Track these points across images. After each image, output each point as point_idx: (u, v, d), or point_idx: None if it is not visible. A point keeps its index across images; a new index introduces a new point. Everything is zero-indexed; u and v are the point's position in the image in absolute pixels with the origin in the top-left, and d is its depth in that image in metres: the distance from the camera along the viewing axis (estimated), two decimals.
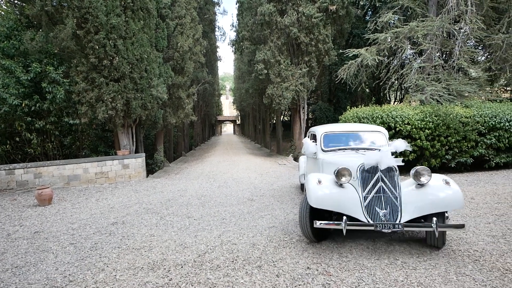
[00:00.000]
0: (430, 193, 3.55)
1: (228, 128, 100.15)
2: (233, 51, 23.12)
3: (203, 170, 12.83)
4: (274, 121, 26.98)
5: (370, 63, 11.24)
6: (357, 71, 12.71)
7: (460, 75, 10.40)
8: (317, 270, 3.33)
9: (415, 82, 10.04)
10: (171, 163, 16.40)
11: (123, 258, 3.87)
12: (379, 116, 8.84)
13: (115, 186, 9.25)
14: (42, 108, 9.81)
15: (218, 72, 43.03)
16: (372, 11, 20.73)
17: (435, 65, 10.59)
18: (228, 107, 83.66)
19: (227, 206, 6.41)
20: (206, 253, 3.91)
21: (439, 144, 8.66)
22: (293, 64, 15.48)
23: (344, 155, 4.68)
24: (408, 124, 8.61)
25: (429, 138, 8.67)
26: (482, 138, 8.87)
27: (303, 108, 16.49)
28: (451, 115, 8.60)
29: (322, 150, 5.11)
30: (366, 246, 3.92)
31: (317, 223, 3.54)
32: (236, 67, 41.70)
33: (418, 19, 11.07)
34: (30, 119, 9.98)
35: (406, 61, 13.75)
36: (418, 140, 8.55)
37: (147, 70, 10.42)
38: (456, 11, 9.86)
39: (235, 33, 22.00)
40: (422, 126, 8.59)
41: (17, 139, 11.01)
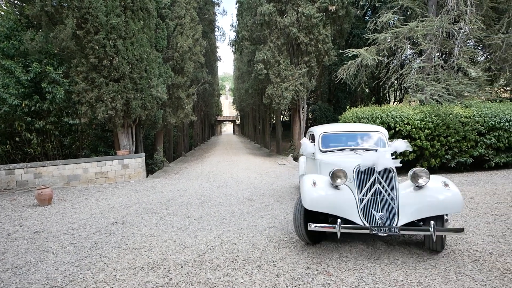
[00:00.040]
0: (428, 195, 3.45)
1: (227, 128, 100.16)
2: (232, 51, 23.12)
3: (202, 170, 12.83)
4: (274, 121, 26.99)
5: (369, 63, 11.25)
6: (357, 71, 12.71)
7: (459, 75, 10.41)
8: (317, 270, 3.33)
9: (415, 82, 10.05)
10: (170, 163, 16.40)
11: (123, 258, 3.87)
12: (379, 116, 8.84)
13: (115, 186, 9.25)
14: (42, 108, 9.81)
15: (217, 72, 43.04)
16: (371, 11, 20.75)
17: (434, 65, 10.60)
18: (227, 107, 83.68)
19: (227, 206, 6.42)
20: (206, 253, 3.91)
21: (439, 144, 8.67)
22: (292, 64, 15.49)
23: (342, 155, 4.59)
24: (408, 124, 8.62)
25: (429, 138, 8.68)
26: (481, 138, 8.88)
27: (303, 108, 16.49)
28: (450, 115, 8.60)
29: (320, 150, 5.01)
30: (366, 246, 3.92)
31: (312, 225, 3.46)
32: (236, 67, 41.72)
33: (417, 19, 11.08)
34: (30, 119, 9.98)
35: (405, 61, 13.76)
36: (418, 140, 8.55)
37: (147, 70, 10.42)
38: (455, 11, 9.87)
39: (235, 33, 22.01)
40: (422, 126, 8.60)
41: (17, 139, 11.01)
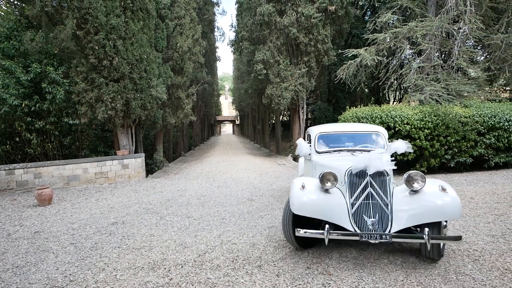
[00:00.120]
0: (423, 200, 3.24)
1: (227, 128, 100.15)
2: (232, 51, 23.11)
3: (202, 170, 12.83)
4: (273, 121, 26.99)
5: (369, 63, 11.26)
6: (356, 71, 12.72)
7: (459, 75, 10.42)
8: (317, 270, 3.34)
9: (414, 82, 10.06)
10: (170, 163, 16.40)
11: (124, 258, 3.88)
12: (378, 116, 8.86)
13: (114, 186, 9.25)
14: (42, 108, 9.81)
15: (217, 72, 43.07)
16: (371, 11, 20.76)
17: (434, 65, 10.61)
18: (227, 107, 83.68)
19: (226, 206, 6.42)
20: (206, 253, 3.92)
21: (439, 144, 8.68)
22: (292, 64, 15.50)
23: (338, 157, 4.37)
24: (408, 124, 8.63)
25: (429, 138, 8.69)
26: (481, 138, 8.89)
27: (302, 108, 16.50)
28: (450, 115, 8.61)
29: (316, 151, 4.79)
30: (366, 245, 3.93)
31: (300, 231, 3.32)
32: (235, 67, 41.71)
33: (417, 19, 11.09)
34: (30, 119, 9.98)
35: (405, 61, 13.77)
36: (418, 140, 8.56)
37: (146, 71, 10.42)
38: (455, 11, 9.89)
39: (234, 33, 21.98)
40: (422, 126, 8.60)
41: (17, 139, 11.01)
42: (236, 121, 69.21)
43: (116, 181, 10.04)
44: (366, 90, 24.12)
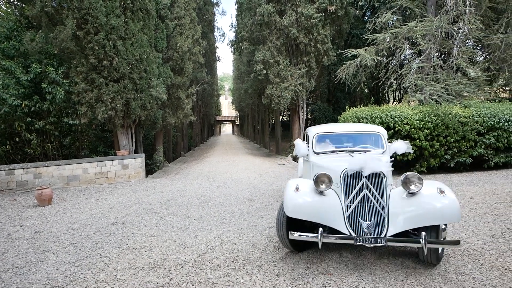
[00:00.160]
0: (421, 203, 3.13)
1: (227, 129, 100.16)
2: (232, 51, 23.12)
3: (202, 170, 12.84)
4: (273, 121, 27.00)
5: (369, 63, 11.27)
6: (356, 71, 12.73)
7: (459, 75, 10.43)
8: (317, 270, 3.34)
9: (414, 82, 10.07)
10: (170, 163, 16.40)
11: (124, 258, 3.88)
12: (378, 116, 8.86)
13: (114, 187, 9.25)
14: (42, 108, 9.81)
15: (217, 72, 43.07)
16: (370, 12, 20.77)
17: (434, 65, 10.62)
18: (227, 107, 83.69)
19: (226, 206, 6.42)
20: (206, 253, 3.92)
21: (438, 144, 8.69)
22: (292, 65, 15.51)
23: (336, 158, 4.22)
24: (407, 124, 8.64)
25: (428, 138, 8.69)
26: (481, 138, 8.90)
27: (302, 108, 16.51)
28: (450, 115, 8.62)
29: (314, 152, 4.63)
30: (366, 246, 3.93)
31: (294, 234, 3.24)
32: (235, 68, 41.73)
33: (416, 19, 11.10)
34: (30, 119, 9.98)
35: (405, 61, 13.78)
36: (417, 140, 8.57)
37: (146, 71, 10.43)
38: (454, 11, 9.90)
39: (234, 34, 22.00)
40: (421, 126, 8.61)
41: (17, 139, 11.00)
42: (236, 121, 69.25)
43: (116, 181, 10.04)
44: (366, 90, 24.15)
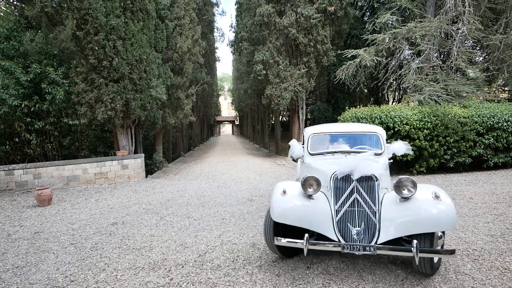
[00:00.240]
0: (414, 209, 2.94)
1: (226, 129, 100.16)
2: (232, 51, 23.16)
3: (202, 171, 12.84)
4: (273, 122, 27.01)
5: (368, 64, 11.29)
6: (356, 72, 12.75)
7: (458, 75, 10.46)
8: (317, 270, 3.35)
9: (413, 82, 10.09)
10: (170, 163, 16.40)
11: (124, 258, 3.88)
12: (378, 117, 8.88)
13: (114, 187, 9.25)
14: (41, 108, 9.81)
15: (216, 72, 43.05)
16: (370, 12, 20.80)
17: (433, 66, 10.64)
18: (226, 107, 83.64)
19: (226, 206, 6.43)
20: (206, 253, 3.92)
21: (438, 144, 8.71)
22: (291, 65, 15.52)
23: (331, 159, 3.97)
24: (407, 124, 8.65)
25: (428, 138, 8.71)
26: (480, 138, 8.92)
27: (302, 108, 16.53)
28: (449, 115, 8.64)
29: (309, 153, 4.37)
30: None
31: (280, 240, 3.10)
32: (235, 68, 41.73)
33: (416, 20, 11.13)
34: (30, 119, 9.98)
35: (404, 62, 13.80)
36: (417, 140, 8.58)
37: (146, 71, 10.43)
38: (454, 12, 9.92)
39: (234, 34, 22.04)
40: (421, 126, 8.63)
41: (17, 139, 11.00)
42: (236, 121, 69.29)
43: (116, 181, 10.04)
44: (365, 90, 24.18)
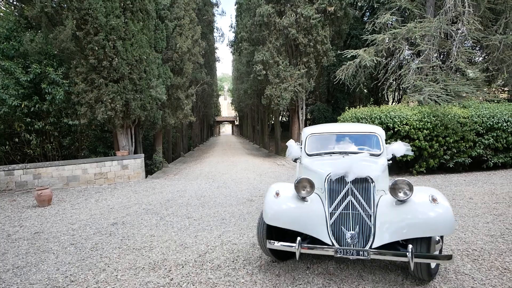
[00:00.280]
0: (411, 212, 2.84)
1: (226, 129, 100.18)
2: (231, 52, 23.17)
3: (202, 171, 12.84)
4: (273, 122, 27.01)
5: (368, 64, 11.30)
6: (355, 72, 12.76)
7: (457, 75, 10.47)
8: (317, 270, 3.35)
9: (413, 82, 10.09)
10: (169, 163, 16.40)
11: (124, 258, 3.88)
12: (378, 117, 8.88)
13: (114, 187, 9.25)
14: (41, 109, 9.81)
15: (216, 73, 43.10)
16: (370, 12, 20.81)
17: (433, 66, 10.65)
18: (226, 107, 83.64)
19: (226, 207, 6.43)
20: (206, 253, 3.93)
21: (437, 144, 8.71)
22: (291, 65, 15.53)
23: (330, 160, 3.82)
24: (407, 124, 8.66)
25: (427, 139, 8.72)
26: (480, 138, 8.93)
27: (302, 108, 16.54)
28: (449, 116, 8.65)
29: (307, 154, 4.25)
30: None
31: (273, 243, 3.05)
32: (235, 68, 41.74)
33: (415, 20, 11.14)
34: (30, 120, 9.97)
35: (404, 62, 13.81)
36: (417, 141, 8.59)
37: (146, 71, 10.43)
38: (453, 12, 9.93)
39: (234, 34, 22.06)
40: (420, 126, 8.63)
41: (16, 140, 11.00)
42: (235, 121, 69.31)
43: (116, 181, 10.04)
44: (365, 90, 24.19)
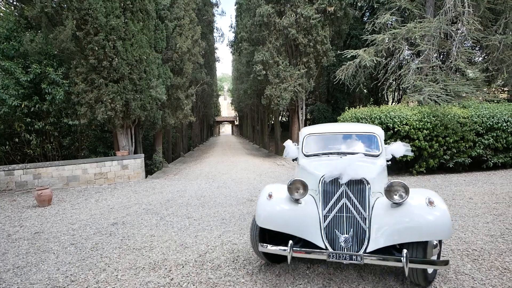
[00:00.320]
0: (406, 215, 2.75)
1: (226, 129, 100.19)
2: (231, 52, 23.17)
3: (202, 171, 12.84)
4: (272, 122, 27.02)
5: (368, 64, 11.30)
6: (355, 72, 12.76)
7: (457, 75, 10.48)
8: (317, 270, 3.35)
9: (413, 82, 10.10)
10: (169, 164, 16.40)
11: (124, 258, 3.89)
12: (378, 117, 8.89)
13: (114, 187, 9.25)
14: (41, 109, 9.81)
15: (216, 73, 43.14)
16: (370, 13, 20.82)
17: (432, 66, 10.66)
18: (226, 108, 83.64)
19: (226, 207, 6.43)
20: (207, 253, 3.93)
21: (437, 144, 8.72)
22: (291, 65, 15.53)
23: (327, 161, 3.69)
24: (406, 124, 8.66)
25: (427, 139, 8.72)
26: (480, 138, 8.94)
27: (302, 108, 16.54)
28: (449, 116, 8.66)
29: (304, 154, 4.13)
30: None
31: (265, 246, 3.01)
32: (235, 68, 41.75)
33: (415, 20, 11.15)
34: (30, 120, 9.98)
35: (403, 62, 13.81)
36: (417, 141, 8.59)
37: (146, 71, 10.44)
38: (453, 12, 9.94)
39: (234, 34, 22.07)
40: (420, 126, 8.64)
41: (16, 140, 11.01)
42: (235, 121, 69.32)
43: (116, 181, 10.04)
44: (365, 90, 24.20)
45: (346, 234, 2.90)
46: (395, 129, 8.66)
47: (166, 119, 13.86)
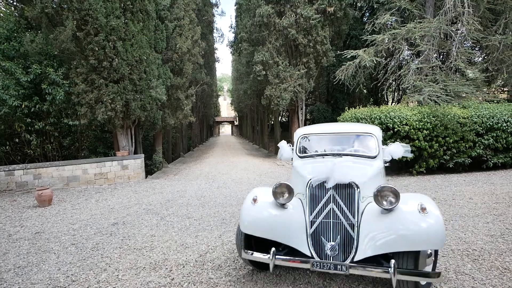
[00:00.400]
0: (396, 222, 2.56)
1: (226, 129, 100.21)
2: (231, 52, 23.19)
3: (201, 171, 12.85)
4: (272, 122, 27.02)
5: (368, 64, 11.32)
6: (355, 72, 12.77)
7: (457, 76, 10.49)
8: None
9: (413, 83, 10.11)
10: (169, 164, 16.41)
11: (125, 258, 3.89)
12: (377, 117, 8.90)
13: (114, 187, 9.26)
14: (41, 109, 9.81)
15: (216, 73, 43.16)
16: (369, 13, 20.82)
17: (432, 66, 10.67)
18: (226, 108, 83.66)
19: (226, 207, 6.44)
20: (207, 253, 3.94)
21: (437, 144, 8.73)
22: (291, 65, 15.54)
23: (321, 163, 3.54)
24: (406, 124, 8.67)
25: (427, 139, 8.73)
26: (479, 138, 8.95)
27: (301, 109, 16.55)
28: (448, 116, 8.67)
29: (298, 156, 3.99)
30: None
31: (248, 253, 2.88)
32: (234, 68, 41.75)
33: (415, 20, 11.16)
34: (30, 120, 9.98)
35: (403, 62, 13.82)
36: (416, 141, 8.60)
37: (146, 72, 10.45)
38: (453, 12, 9.95)
39: (234, 35, 22.08)
40: (420, 126, 8.65)
41: (17, 140, 11.01)
42: (235, 122, 69.35)
43: (116, 182, 10.04)
44: (364, 91, 24.18)
45: (333, 241, 2.73)
46: (395, 129, 8.67)
47: (166, 120, 13.86)
